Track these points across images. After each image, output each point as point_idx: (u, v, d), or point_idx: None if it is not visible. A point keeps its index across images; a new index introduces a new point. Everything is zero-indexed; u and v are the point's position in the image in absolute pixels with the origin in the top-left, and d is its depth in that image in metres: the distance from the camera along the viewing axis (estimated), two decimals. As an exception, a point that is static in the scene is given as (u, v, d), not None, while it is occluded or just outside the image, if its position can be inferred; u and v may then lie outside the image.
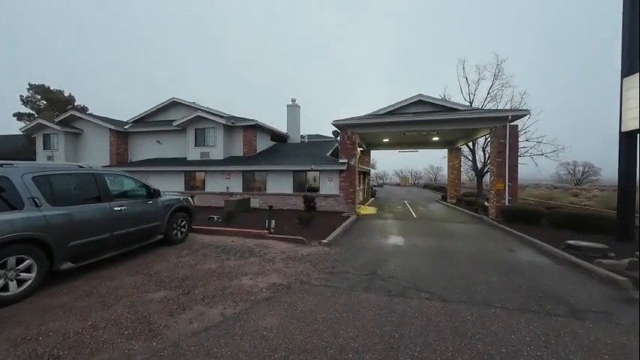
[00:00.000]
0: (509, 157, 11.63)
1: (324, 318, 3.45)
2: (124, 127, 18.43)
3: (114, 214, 5.05)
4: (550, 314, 3.68)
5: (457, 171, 20.77)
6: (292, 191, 14.46)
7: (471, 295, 4.23)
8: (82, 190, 4.78)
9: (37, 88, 24.58)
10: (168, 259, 5.72)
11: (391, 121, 13.02)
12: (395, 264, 5.76)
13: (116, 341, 2.86)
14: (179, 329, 3.13)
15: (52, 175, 4.34)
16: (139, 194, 5.89)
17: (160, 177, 16.33)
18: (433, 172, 66.31)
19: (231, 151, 16.78)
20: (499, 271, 5.36)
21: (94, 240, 4.70)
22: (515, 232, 8.84)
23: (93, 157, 18.26)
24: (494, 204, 11.89)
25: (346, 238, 8.08)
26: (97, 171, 5.12)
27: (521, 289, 4.54)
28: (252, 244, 7.02)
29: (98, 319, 3.30)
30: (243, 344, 2.85)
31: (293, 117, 21.40)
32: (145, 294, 4.07)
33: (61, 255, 4.22)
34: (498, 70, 20.66)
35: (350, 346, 2.85)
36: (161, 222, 6.25)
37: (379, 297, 4.14)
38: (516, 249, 7.17)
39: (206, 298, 3.95)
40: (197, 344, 2.83)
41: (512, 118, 11.73)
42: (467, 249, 7.05)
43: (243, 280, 4.70)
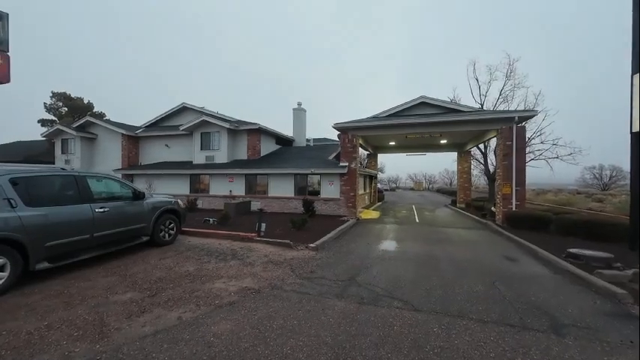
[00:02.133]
0: (517, 160, 11.08)
1: (280, 325, 3.32)
2: (135, 131, 19.09)
3: (95, 215, 5.16)
4: (527, 328, 3.38)
5: (467, 174, 20.08)
6: (294, 194, 14.43)
7: (446, 306, 3.97)
8: (62, 191, 4.92)
9: (59, 95, 26.02)
10: (149, 260, 5.78)
11: (392, 123, 12.76)
12: (378, 270, 5.55)
13: (62, 343, 2.87)
14: (128, 332, 3.10)
15: (31, 177, 4.49)
16: (123, 196, 6.00)
17: (167, 180, 16.78)
18: (448, 176, 64.58)
19: (235, 155, 17.00)
20: (486, 281, 5.04)
21: (73, 241, 4.81)
22: (518, 238, 8.35)
23: (106, 161, 19.03)
24: (501, 209, 11.35)
25: (336, 243, 7.90)
26: (79, 173, 5.25)
27: (505, 300, 4.23)
28: (237, 247, 6.99)
29: (55, 320, 3.33)
30: (184, 350, 2.77)
31: (299, 120, 21.48)
32: (113, 295, 4.09)
33: (37, 255, 4.34)
34: (510, 71, 19.85)
35: (293, 356, 2.71)
36: (147, 224, 6.33)
37: (348, 304, 3.97)
38: (514, 257, 6.76)
39: (170, 301, 3.92)
40: (138, 349, 2.78)
41: (519, 119, 11.21)
42: (460, 256, 6.71)
43: (216, 284, 4.65)
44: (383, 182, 63.02)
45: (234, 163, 16.08)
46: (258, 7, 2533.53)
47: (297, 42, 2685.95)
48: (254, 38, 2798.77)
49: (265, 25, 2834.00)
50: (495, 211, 12.20)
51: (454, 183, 57.98)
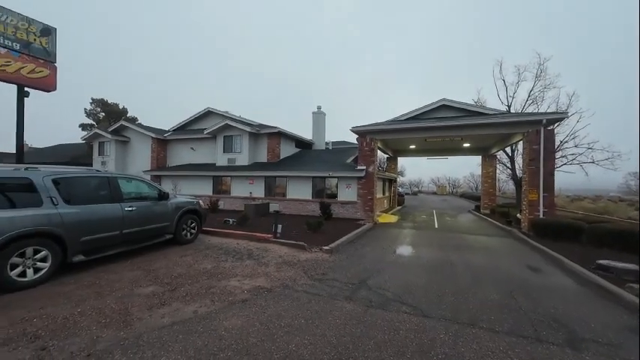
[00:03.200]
0: (545, 165, 10.53)
1: (288, 323, 3.45)
2: (163, 135, 20.22)
3: (124, 213, 5.59)
4: (541, 341, 3.26)
5: (492, 179, 19.29)
6: (311, 197, 14.60)
7: (457, 313, 3.91)
8: (96, 191, 5.39)
9: (98, 101, 28.16)
10: (171, 257, 6.15)
11: (411, 126, 12.58)
12: (390, 275, 5.54)
13: (92, 328, 3.18)
14: (149, 323, 3.36)
15: (70, 177, 4.98)
16: (150, 196, 6.44)
17: (192, 181, 17.59)
18: (474, 180, 62.10)
19: (255, 158, 17.50)
20: (503, 290, 4.88)
21: (104, 237, 5.25)
22: (543, 247, 7.94)
23: (137, 162, 20.29)
24: (527, 216, 10.82)
25: (351, 246, 7.94)
26: (111, 174, 5.73)
27: (521, 310, 4.09)
28: (254, 248, 7.24)
29: (87, 308, 3.68)
30: (197, 341, 2.97)
31: (318, 124, 21.70)
32: (137, 288, 4.43)
33: (74, 248, 4.79)
34: (541, 70, 18.86)
35: (297, 354, 2.82)
36: (170, 223, 6.74)
37: (356, 307, 4.02)
38: (537, 266, 6.45)
39: (187, 296, 4.18)
40: (157, 337, 3.02)
41: (548, 121, 10.65)
42: (477, 263, 6.52)
43: (231, 282, 4.87)
44: (404, 186, 61.79)
45: (254, 166, 16.56)
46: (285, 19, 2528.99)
47: (320, 47, 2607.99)
48: (278, 48, 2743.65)
49: (291, 35, 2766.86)
50: (521, 218, 11.64)
51: (480, 188, 55.57)
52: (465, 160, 54.37)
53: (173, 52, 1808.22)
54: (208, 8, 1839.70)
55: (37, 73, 9.62)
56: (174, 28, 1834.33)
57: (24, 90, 9.46)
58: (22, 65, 9.22)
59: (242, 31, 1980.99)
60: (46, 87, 9.95)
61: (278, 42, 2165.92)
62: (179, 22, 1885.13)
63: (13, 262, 4.09)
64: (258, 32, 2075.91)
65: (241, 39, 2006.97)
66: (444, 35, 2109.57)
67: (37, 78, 9.60)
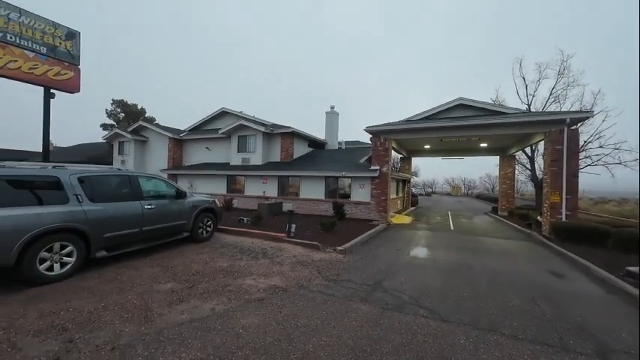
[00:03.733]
0: (568, 166, 10.10)
1: (304, 324, 3.45)
2: (179, 135, 20.70)
3: (144, 211, 5.75)
4: (568, 350, 3.13)
5: (510, 180, 18.69)
6: (324, 197, 14.59)
7: (476, 318, 3.80)
8: (118, 189, 5.56)
9: (118, 102, 29.19)
10: (188, 255, 6.27)
11: (426, 126, 12.36)
12: (405, 277, 5.45)
13: (115, 322, 3.27)
14: (169, 319, 3.43)
15: (93, 176, 5.16)
16: (168, 195, 6.60)
17: (207, 180, 17.93)
18: (490, 181, 60.43)
19: (269, 157, 17.64)
20: (525, 296, 4.71)
21: (125, 233, 5.42)
22: (566, 252, 7.62)
23: (155, 161, 20.86)
24: (548, 219, 10.41)
25: (365, 247, 7.87)
26: (132, 173, 5.91)
27: (545, 317, 3.93)
28: (268, 247, 7.29)
29: (110, 302, 3.80)
30: (216, 339, 3.01)
31: (331, 123, 21.67)
32: (157, 284, 4.54)
33: (97, 244, 4.96)
34: (564, 67, 18.15)
35: (314, 354, 2.81)
36: (187, 221, 6.88)
37: (372, 309, 3.98)
38: (560, 272, 6.20)
39: (205, 293, 4.25)
40: (177, 334, 3.09)
41: (572, 121, 10.22)
42: (496, 267, 6.32)
43: (246, 280, 4.92)
44: (418, 186, 60.84)
45: (267, 165, 16.71)
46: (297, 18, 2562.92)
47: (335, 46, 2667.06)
48: (292, 46, 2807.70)
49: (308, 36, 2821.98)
50: (542, 221, 11.23)
51: (497, 189, 53.85)
52: (481, 161, 53.02)
53: (190, 55, 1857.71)
54: (227, 9, 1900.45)
55: (62, 76, 10.04)
56: (189, 31, 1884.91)
57: (50, 92, 9.89)
58: (48, 68, 9.64)
59: (259, 32, 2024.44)
60: (70, 89, 10.37)
61: (295, 43, 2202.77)
62: (194, 25, 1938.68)
63: (42, 257, 4.27)
64: (275, 33, 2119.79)
65: (259, 40, 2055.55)
66: (461, 33, 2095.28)
67: (62, 80, 10.02)
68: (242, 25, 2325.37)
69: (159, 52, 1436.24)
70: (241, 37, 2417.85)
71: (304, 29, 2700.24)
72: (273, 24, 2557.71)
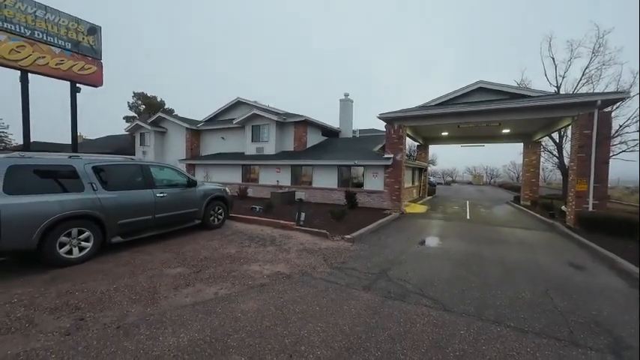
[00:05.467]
0: (597, 152, 9.40)
1: (302, 310, 3.48)
2: (196, 125, 21.18)
3: (156, 199, 5.97)
4: (577, 344, 2.96)
5: (535, 168, 17.72)
6: (337, 186, 14.53)
7: (481, 309, 3.68)
8: (131, 178, 5.80)
9: (139, 95, 30.21)
10: (199, 241, 6.49)
11: (442, 112, 11.85)
12: (412, 266, 5.36)
13: (123, 303, 3.46)
14: (173, 301, 3.58)
15: (107, 165, 5.40)
16: (179, 183, 6.81)
17: (222, 169, 18.34)
18: (515, 169, 57.69)
19: (282, 146, 17.71)
20: (538, 288, 4.49)
21: (139, 220, 5.67)
22: (591, 243, 7.18)
23: (174, 152, 21.55)
24: (573, 209, 9.81)
25: (374, 236, 7.80)
26: (144, 162, 6.12)
27: (556, 310, 3.74)
28: (277, 234, 7.39)
29: (121, 285, 4.02)
30: (215, 321, 3.11)
31: (345, 111, 21.35)
32: (167, 269, 4.74)
33: (112, 230, 5.23)
34: (599, 45, 16.61)
35: (308, 340, 2.84)
36: (199, 209, 7.09)
37: (373, 297, 3.95)
38: (581, 264, 5.86)
39: (210, 278, 4.39)
40: (178, 315, 3.22)
41: (603, 103, 9.41)
42: (511, 258, 6.07)
43: (252, 266, 5.03)
44: (437, 175, 59.23)
45: (281, 155, 16.80)
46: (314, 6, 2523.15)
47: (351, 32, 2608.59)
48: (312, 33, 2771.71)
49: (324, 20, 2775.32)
50: (566, 210, 10.61)
51: (521, 178, 51.18)
52: (505, 148, 50.53)
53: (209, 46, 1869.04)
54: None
55: (86, 70, 10.43)
56: (210, 22, 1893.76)
57: (76, 86, 10.34)
58: (73, 63, 10.02)
59: (275, 17, 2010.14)
60: (94, 82, 10.78)
61: (311, 28, 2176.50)
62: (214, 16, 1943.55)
63: (61, 241, 4.57)
64: (290, 19, 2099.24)
65: (275, 24, 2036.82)
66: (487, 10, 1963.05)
67: (86, 74, 10.42)
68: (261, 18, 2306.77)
69: (178, 43, 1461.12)
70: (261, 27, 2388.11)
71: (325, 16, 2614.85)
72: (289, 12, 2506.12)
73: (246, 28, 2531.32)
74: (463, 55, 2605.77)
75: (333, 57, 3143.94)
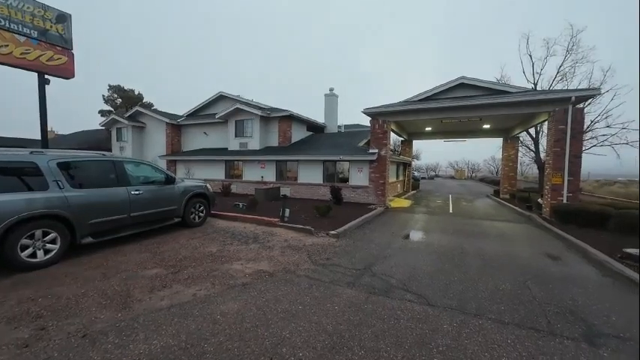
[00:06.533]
0: (571, 147, 9.77)
1: (285, 309, 3.38)
2: (177, 120, 20.43)
3: (130, 197, 5.66)
4: (554, 334, 3.03)
5: (513, 163, 18.32)
6: (322, 181, 14.44)
7: (463, 303, 3.71)
8: (103, 175, 5.46)
9: (115, 88, 28.78)
10: (179, 240, 6.24)
11: (425, 107, 11.96)
12: (396, 261, 5.36)
13: (92, 309, 3.23)
14: (148, 305, 3.39)
15: (75, 161, 5.04)
16: (157, 180, 6.50)
17: (205, 165, 17.84)
18: (494, 164, 59.73)
19: (267, 142, 17.40)
20: (517, 279, 4.60)
21: (112, 219, 5.36)
22: (565, 234, 7.47)
23: (153, 148, 20.75)
24: (549, 201, 10.19)
25: (359, 231, 7.78)
26: (117, 158, 5.78)
27: (534, 301, 3.83)
28: (260, 232, 7.23)
29: (91, 288, 3.77)
30: (191, 325, 2.96)
31: (330, 106, 21.20)
32: (142, 270, 4.50)
33: (82, 231, 4.91)
34: (573, 43, 17.27)
35: (290, 341, 2.74)
36: (178, 206, 6.81)
37: (357, 293, 3.91)
38: (557, 255, 6.07)
39: (189, 279, 4.20)
40: (152, 320, 3.04)
41: (577, 99, 9.76)
42: (491, 251, 6.21)
43: (233, 265, 4.87)
44: (421, 170, 60.40)
45: (265, 150, 16.50)
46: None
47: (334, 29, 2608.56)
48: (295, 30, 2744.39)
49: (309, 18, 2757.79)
50: (542, 203, 11.02)
51: (500, 172, 52.99)
52: (485, 143, 51.93)
53: (189, 39, 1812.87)
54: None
55: (55, 61, 9.74)
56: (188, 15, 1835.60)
57: (44, 77, 9.64)
58: (41, 53, 9.32)
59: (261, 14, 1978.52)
60: (65, 74, 10.08)
61: (294, 25, 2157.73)
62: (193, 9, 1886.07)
63: (23, 244, 4.23)
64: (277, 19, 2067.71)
65: (261, 22, 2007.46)
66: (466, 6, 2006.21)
67: (55, 65, 9.73)
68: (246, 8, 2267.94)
69: (158, 36, 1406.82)
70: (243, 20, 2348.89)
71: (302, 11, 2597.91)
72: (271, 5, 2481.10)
73: (229, 24, 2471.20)
74: (446, 50, 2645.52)
75: (317, 50, 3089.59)
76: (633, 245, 6.04)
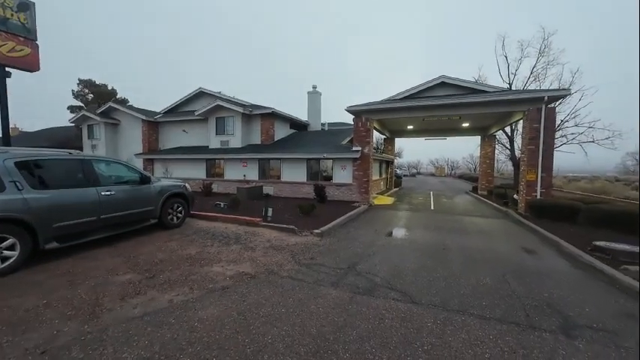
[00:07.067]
0: (544, 144, 10.20)
1: (267, 313, 3.26)
2: (154, 117, 19.58)
3: (101, 198, 5.30)
4: (533, 327, 3.10)
5: (490, 160, 18.99)
6: (306, 180, 14.31)
7: (446, 299, 3.74)
8: (69, 175, 5.06)
9: (85, 82, 27.16)
10: (155, 242, 5.93)
11: (408, 105, 12.10)
12: (380, 259, 5.35)
13: (54, 321, 2.96)
14: (118, 314, 3.15)
15: (36, 160, 4.64)
16: (130, 180, 6.14)
17: (184, 164, 17.23)
18: (473, 161, 61.88)
19: (249, 140, 17.03)
20: (496, 274, 4.71)
21: (80, 222, 4.98)
22: (539, 229, 7.78)
23: (129, 146, 19.79)
24: (524, 197, 10.61)
25: (343, 229, 7.75)
26: (85, 157, 5.39)
27: (514, 295, 3.92)
28: (242, 232, 7.03)
29: (55, 298, 3.47)
30: (166, 334, 2.78)
31: (314, 104, 21.08)
32: (114, 276, 4.22)
33: (46, 235, 4.53)
34: (545, 46, 18.08)
35: (272, 347, 2.63)
36: (154, 207, 6.48)
37: (342, 293, 3.84)
38: (532, 249, 6.29)
39: (165, 284, 3.98)
40: (123, 331, 2.82)
41: (549, 99, 10.20)
42: (472, 246, 6.35)
43: (214, 268, 4.67)
44: (403, 167, 61.54)
45: (247, 148, 16.14)
46: None
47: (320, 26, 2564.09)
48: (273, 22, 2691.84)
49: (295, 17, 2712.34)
50: (518, 199, 11.46)
51: (478, 169, 54.91)
52: (464, 142, 53.86)
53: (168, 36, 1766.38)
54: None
55: (17, 52, 9.03)
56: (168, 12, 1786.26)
57: (5, 70, 8.91)
58: (1, 43, 8.60)
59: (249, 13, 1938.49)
60: (29, 66, 9.35)
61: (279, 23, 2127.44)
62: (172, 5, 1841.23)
63: (-24, 251, 3.84)
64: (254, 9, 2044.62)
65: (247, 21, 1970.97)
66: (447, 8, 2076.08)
67: (17, 57, 9.03)
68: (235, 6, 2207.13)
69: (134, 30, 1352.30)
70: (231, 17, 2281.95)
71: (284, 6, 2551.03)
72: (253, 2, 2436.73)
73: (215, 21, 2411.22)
74: (430, 49, 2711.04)
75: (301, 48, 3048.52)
76: (602, 238, 6.37)
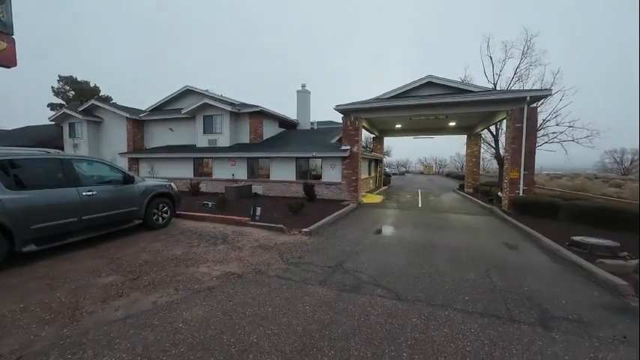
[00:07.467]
0: (527, 143, 10.51)
1: (253, 312, 3.25)
2: (139, 115, 19.10)
3: (82, 198, 5.15)
4: (513, 320, 3.20)
5: (476, 158, 19.45)
6: (295, 178, 14.28)
7: (431, 295, 3.81)
8: (48, 174, 4.90)
9: (67, 79, 26.21)
10: (140, 243, 5.81)
11: (395, 104, 12.24)
12: (367, 257, 5.41)
13: (31, 326, 2.87)
14: (99, 317, 3.08)
15: (12, 160, 4.47)
16: (113, 180, 5.99)
17: (171, 163, 16.89)
18: (460, 160, 63.16)
19: (237, 138, 16.85)
20: (480, 269, 4.83)
21: (60, 224, 4.83)
22: (522, 225, 8.02)
23: (113, 145, 19.26)
24: (507, 194, 10.91)
25: (332, 228, 7.78)
26: (64, 156, 5.22)
27: (495, 290, 4.03)
28: (230, 231, 6.97)
29: (32, 302, 3.36)
30: (149, 337, 2.73)
31: (303, 103, 21.02)
32: (95, 278, 4.11)
33: (23, 237, 4.38)
34: (527, 47, 18.57)
35: (257, 346, 2.63)
36: (138, 207, 6.34)
37: (328, 292, 3.86)
38: (514, 244, 6.48)
39: (149, 285, 3.91)
40: (104, 334, 2.76)
41: (532, 99, 10.51)
42: (457, 243, 6.49)
43: (200, 268, 4.62)
44: (392, 166, 62.16)
45: (235, 147, 15.97)
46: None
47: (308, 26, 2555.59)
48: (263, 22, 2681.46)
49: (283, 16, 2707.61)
50: (502, 196, 11.77)
51: (464, 167, 56.01)
52: (451, 140, 54.98)
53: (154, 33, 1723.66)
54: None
55: None
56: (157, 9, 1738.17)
57: None
58: None
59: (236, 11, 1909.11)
60: (6, 62, 8.87)
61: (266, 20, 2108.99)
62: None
63: (-53, 255, 3.67)
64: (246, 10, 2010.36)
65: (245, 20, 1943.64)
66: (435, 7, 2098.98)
67: None
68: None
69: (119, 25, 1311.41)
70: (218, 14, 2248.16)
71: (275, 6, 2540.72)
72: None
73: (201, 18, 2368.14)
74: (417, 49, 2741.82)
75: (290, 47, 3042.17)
76: (580, 233, 6.63)
